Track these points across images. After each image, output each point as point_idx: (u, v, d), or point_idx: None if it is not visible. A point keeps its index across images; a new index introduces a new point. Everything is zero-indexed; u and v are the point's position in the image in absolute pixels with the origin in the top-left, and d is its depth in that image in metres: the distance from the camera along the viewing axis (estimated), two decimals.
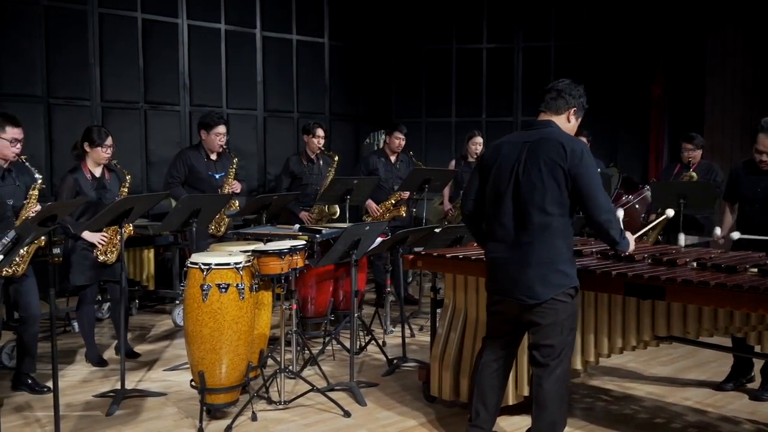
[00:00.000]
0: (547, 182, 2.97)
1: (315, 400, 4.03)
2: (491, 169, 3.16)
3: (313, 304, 4.99)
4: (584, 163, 2.95)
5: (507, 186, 3.07)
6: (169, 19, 7.26)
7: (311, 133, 6.13)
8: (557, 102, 3.14)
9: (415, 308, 6.24)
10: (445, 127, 9.05)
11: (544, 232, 2.99)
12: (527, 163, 3.02)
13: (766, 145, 4.11)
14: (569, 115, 3.16)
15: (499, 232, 3.13)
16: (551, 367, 3.08)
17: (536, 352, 3.12)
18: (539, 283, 3.00)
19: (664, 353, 5.04)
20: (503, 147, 3.17)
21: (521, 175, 3.03)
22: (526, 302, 3.04)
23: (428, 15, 9.00)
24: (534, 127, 3.16)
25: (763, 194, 4.17)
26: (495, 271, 3.17)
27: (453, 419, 3.83)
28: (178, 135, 7.20)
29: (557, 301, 3.02)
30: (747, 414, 3.94)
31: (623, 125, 8.71)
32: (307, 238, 4.43)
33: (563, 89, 3.14)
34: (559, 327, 3.05)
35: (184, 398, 4.12)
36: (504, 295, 3.14)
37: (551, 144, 3.00)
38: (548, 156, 2.98)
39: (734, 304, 2.91)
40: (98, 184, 4.64)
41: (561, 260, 3.02)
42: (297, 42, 8.21)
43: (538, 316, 3.05)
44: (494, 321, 3.31)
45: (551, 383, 3.07)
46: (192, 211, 4.41)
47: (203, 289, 3.61)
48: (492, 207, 3.16)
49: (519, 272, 3.04)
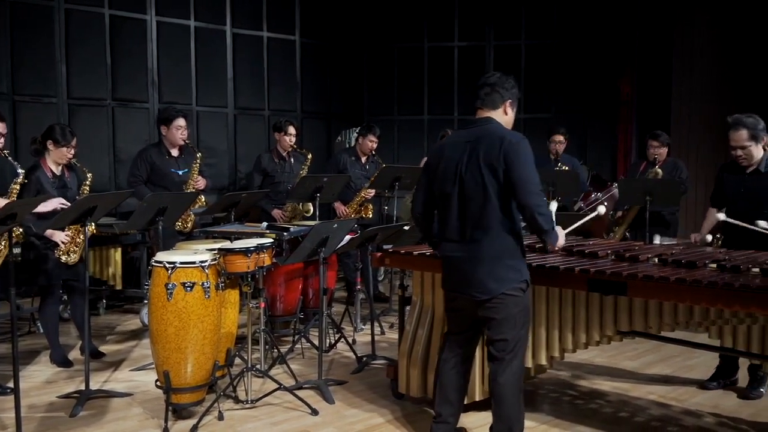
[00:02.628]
0: (488, 179, 3.02)
1: (283, 399, 4.02)
2: (437, 171, 3.20)
3: (282, 303, 4.98)
4: (518, 150, 2.99)
5: (453, 186, 3.12)
6: (138, 16, 7.17)
7: (283, 131, 6.10)
8: (492, 96, 3.18)
9: (386, 306, 6.25)
10: (417, 125, 9.06)
11: (491, 228, 3.04)
12: (469, 162, 3.07)
13: (736, 139, 4.15)
14: (505, 107, 3.20)
15: (449, 231, 3.18)
16: (506, 360, 3.13)
17: (491, 346, 3.17)
18: (489, 278, 3.05)
19: (630, 348, 5.11)
20: (446, 148, 3.22)
21: (465, 175, 3.08)
22: (479, 298, 3.10)
23: (400, 13, 9.00)
24: (474, 125, 3.20)
25: (746, 192, 4.22)
26: (448, 269, 3.24)
27: (420, 416, 3.84)
28: (146, 133, 7.12)
29: (508, 296, 3.07)
30: (710, 408, 4.00)
31: (593, 123, 8.80)
32: (275, 236, 4.41)
33: (496, 83, 3.18)
34: (512, 321, 3.10)
35: (150, 398, 4.08)
36: (458, 292, 3.20)
37: (491, 140, 3.04)
38: (487, 153, 3.02)
39: (693, 299, 2.96)
40: (59, 183, 4.57)
41: (510, 255, 3.07)
42: (268, 39, 8.16)
43: (490, 311, 3.10)
44: (453, 318, 3.36)
45: (506, 377, 3.12)
46: (158, 209, 4.37)
47: (168, 288, 3.57)
48: (441, 207, 3.21)
49: (470, 269, 3.10)
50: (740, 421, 3.81)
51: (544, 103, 8.87)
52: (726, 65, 8.21)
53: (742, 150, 4.13)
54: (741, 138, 4.11)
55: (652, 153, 6.16)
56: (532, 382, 4.34)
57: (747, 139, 4.10)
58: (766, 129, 4.19)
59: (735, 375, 4.34)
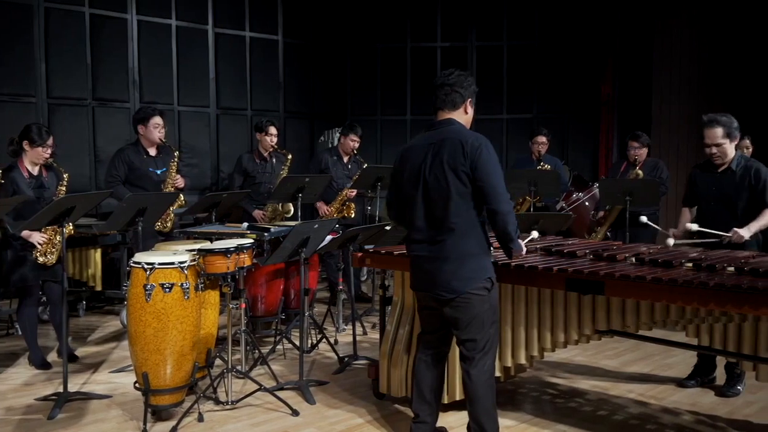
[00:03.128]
0: (452, 181, 3.03)
1: (263, 400, 4.01)
2: (402, 175, 3.22)
3: (263, 303, 4.96)
4: (483, 157, 3.00)
5: (417, 189, 3.14)
6: (118, 15, 7.12)
7: (264, 131, 6.09)
8: (452, 97, 3.17)
9: (369, 306, 6.25)
10: (400, 125, 9.07)
11: (454, 229, 3.07)
12: (432, 165, 3.08)
13: (711, 137, 4.20)
14: (466, 106, 3.21)
15: (415, 233, 3.21)
16: (476, 359, 3.14)
17: (461, 346, 3.20)
18: (454, 277, 3.08)
19: (609, 347, 5.15)
20: (410, 152, 3.22)
21: (428, 177, 3.09)
22: (444, 297, 3.12)
23: (383, 13, 9.01)
24: (436, 127, 3.20)
25: (717, 192, 4.27)
26: (416, 269, 3.27)
27: (401, 416, 3.85)
28: (127, 133, 7.04)
29: (473, 295, 3.09)
30: (687, 405, 4.04)
31: (574, 124, 8.86)
32: (256, 237, 4.40)
33: (455, 82, 3.16)
34: (480, 320, 3.11)
35: (129, 400, 4.06)
36: (425, 292, 3.23)
37: (453, 143, 3.06)
38: (450, 156, 3.04)
39: (669, 297, 2.99)
40: (36, 183, 4.53)
41: (474, 255, 3.09)
42: (250, 39, 8.13)
43: (456, 311, 3.13)
44: (425, 317, 3.39)
45: (477, 376, 3.14)
46: (137, 210, 4.35)
47: (146, 289, 3.55)
48: (407, 210, 3.23)
49: (435, 269, 3.12)
50: (717, 418, 3.85)
51: (526, 103, 8.92)
52: (706, 66, 8.30)
53: (717, 147, 4.18)
54: (716, 135, 4.16)
55: (632, 154, 6.21)
56: (512, 381, 4.37)
57: (722, 136, 4.15)
58: (739, 129, 4.24)
59: (713, 373, 4.39)
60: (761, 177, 4.12)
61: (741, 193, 4.16)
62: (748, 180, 4.15)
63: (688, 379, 4.39)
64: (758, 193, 4.12)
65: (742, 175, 4.18)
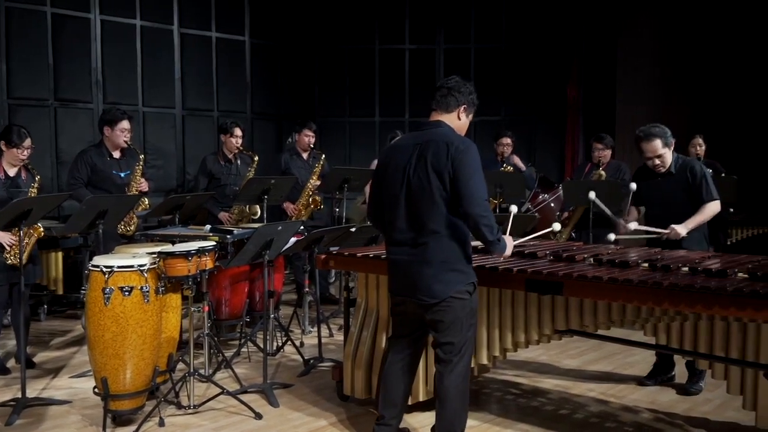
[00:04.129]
0: (434, 183, 3.01)
1: (226, 404, 3.98)
2: (385, 173, 3.20)
3: (228, 306, 4.92)
4: (465, 159, 2.97)
5: (400, 189, 3.11)
6: (81, 14, 7.02)
7: (229, 133, 6.04)
8: (447, 99, 3.18)
9: (336, 308, 6.24)
10: (368, 126, 9.07)
11: (437, 232, 3.04)
12: (417, 165, 3.06)
13: (651, 150, 4.29)
14: (459, 112, 3.20)
15: (396, 234, 3.17)
16: (453, 363, 3.13)
17: (438, 349, 3.17)
18: (436, 282, 3.05)
19: (572, 346, 5.21)
20: (395, 150, 3.21)
21: (412, 178, 3.07)
22: (426, 302, 3.09)
23: (350, 15, 9.00)
24: (424, 128, 3.19)
25: (660, 197, 4.36)
26: (395, 272, 3.22)
27: (365, 417, 3.84)
28: (90, 134, 6.96)
29: (455, 299, 3.07)
30: (647, 404, 4.11)
31: (541, 126, 8.95)
32: (218, 239, 4.36)
33: (453, 87, 3.18)
34: (459, 324, 3.11)
35: (89, 405, 4.00)
36: (405, 296, 3.19)
37: (438, 145, 3.04)
38: (435, 158, 3.02)
39: (625, 297, 3.04)
40: (11, 183, 4.49)
41: (456, 259, 3.07)
42: (216, 39, 8.07)
43: (438, 315, 3.10)
44: (398, 321, 3.36)
45: (452, 379, 3.13)
46: (98, 212, 4.29)
47: (105, 293, 3.50)
48: (388, 210, 3.19)
49: (417, 273, 3.09)
50: (675, 416, 3.92)
51: (494, 106, 8.98)
52: (668, 69, 8.45)
53: (659, 159, 4.30)
54: (656, 148, 4.27)
55: (596, 155, 6.31)
56: (476, 381, 4.39)
57: (661, 147, 4.27)
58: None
59: (672, 372, 4.47)
60: (696, 174, 4.24)
61: (681, 193, 4.27)
62: (685, 178, 4.27)
63: (648, 377, 4.46)
64: (696, 190, 4.23)
65: (680, 175, 4.30)
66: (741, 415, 3.71)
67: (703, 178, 4.22)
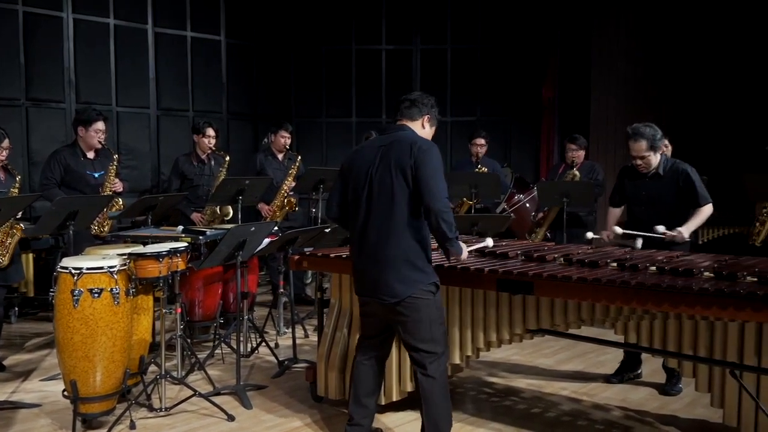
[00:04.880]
0: (396, 182, 3.07)
1: (199, 406, 3.95)
2: (350, 174, 3.25)
3: (201, 308, 4.89)
4: (427, 157, 3.05)
5: (363, 189, 3.17)
6: (53, 13, 6.93)
7: (201, 133, 6.00)
8: (411, 110, 3.30)
9: (312, 309, 6.22)
10: (345, 127, 9.07)
11: (397, 232, 3.09)
12: (380, 166, 3.13)
13: (636, 150, 4.32)
14: (423, 121, 3.32)
15: (357, 234, 3.22)
16: (428, 364, 3.15)
17: (413, 353, 3.19)
18: (397, 281, 3.09)
19: (546, 345, 5.25)
20: (361, 152, 3.28)
21: (374, 178, 3.13)
22: (388, 301, 3.13)
23: (327, 15, 8.99)
24: (389, 131, 3.29)
25: (647, 197, 4.39)
26: (358, 273, 3.27)
27: (338, 418, 3.84)
28: (63, 134, 6.88)
29: (417, 298, 3.10)
30: (618, 402, 4.15)
31: (516, 127, 9.01)
32: (190, 240, 4.33)
33: (416, 99, 3.32)
34: (426, 323, 3.13)
35: (59, 409, 3.95)
36: (368, 296, 3.23)
37: (402, 145, 3.12)
38: (398, 157, 3.09)
39: (594, 297, 3.07)
40: None
41: (417, 258, 3.11)
42: (192, 39, 8.02)
43: (400, 315, 3.14)
44: (366, 321, 3.39)
45: (432, 380, 3.15)
46: (68, 213, 4.24)
47: (74, 295, 3.46)
48: (352, 211, 3.25)
49: (378, 273, 3.13)
50: (646, 413, 3.97)
51: (470, 106, 9.02)
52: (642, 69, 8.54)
53: (642, 160, 4.32)
54: (641, 148, 4.30)
55: (570, 156, 6.36)
56: (450, 381, 4.38)
57: (646, 149, 4.29)
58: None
59: (638, 369, 4.52)
60: (691, 179, 4.27)
61: (670, 196, 4.30)
62: (676, 182, 4.29)
63: (614, 375, 4.52)
64: (690, 195, 4.26)
65: (670, 178, 4.32)
66: (710, 413, 3.76)
67: (697, 182, 4.26)
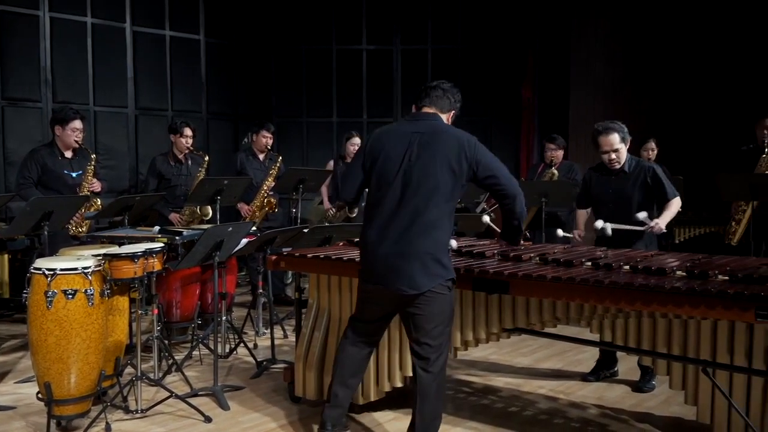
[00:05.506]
0: (441, 175, 3.00)
1: (176, 407, 3.93)
2: (378, 158, 3.12)
3: (179, 308, 4.86)
4: (483, 151, 3.11)
5: (395, 176, 3.05)
6: (30, 11, 6.86)
7: (178, 133, 5.96)
8: (442, 101, 3.22)
9: (291, 309, 6.19)
10: (326, 127, 9.06)
11: (429, 223, 3.01)
12: (420, 154, 3.03)
13: (609, 143, 4.35)
14: (449, 116, 3.26)
15: (380, 220, 3.08)
16: (432, 359, 3.10)
17: (417, 346, 3.12)
18: (420, 273, 3.00)
19: (524, 344, 5.28)
20: (389, 136, 3.15)
21: (414, 167, 3.03)
22: (407, 292, 3.02)
23: (307, 15, 8.97)
24: (421, 118, 3.18)
25: (615, 194, 4.43)
26: (373, 258, 3.11)
27: (316, 418, 3.81)
28: (39, 133, 6.81)
29: (436, 293, 3.04)
30: (594, 400, 4.18)
31: (497, 126, 9.05)
32: (167, 240, 4.31)
33: (448, 90, 3.23)
34: (438, 319, 3.07)
35: (34, 411, 3.91)
36: (383, 284, 3.08)
37: (448, 139, 3.06)
38: (444, 149, 3.03)
39: (569, 296, 3.09)
40: None
41: (442, 251, 3.05)
42: (170, 38, 7.97)
43: (417, 308, 3.05)
44: (366, 306, 3.27)
45: (433, 375, 3.11)
46: (43, 213, 4.19)
47: (47, 296, 3.42)
48: (376, 195, 3.13)
49: (401, 262, 3.01)
50: (622, 411, 4.00)
51: None
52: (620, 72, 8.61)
53: (615, 153, 4.36)
54: (614, 141, 4.33)
55: (548, 155, 6.41)
56: None
57: (618, 141, 4.34)
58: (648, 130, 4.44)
59: (614, 367, 4.56)
60: (658, 175, 4.32)
61: (636, 193, 4.35)
62: (642, 179, 4.34)
63: (591, 373, 4.55)
64: (659, 191, 4.32)
65: (636, 175, 4.37)
66: (684, 410, 3.79)
67: (664, 178, 4.32)
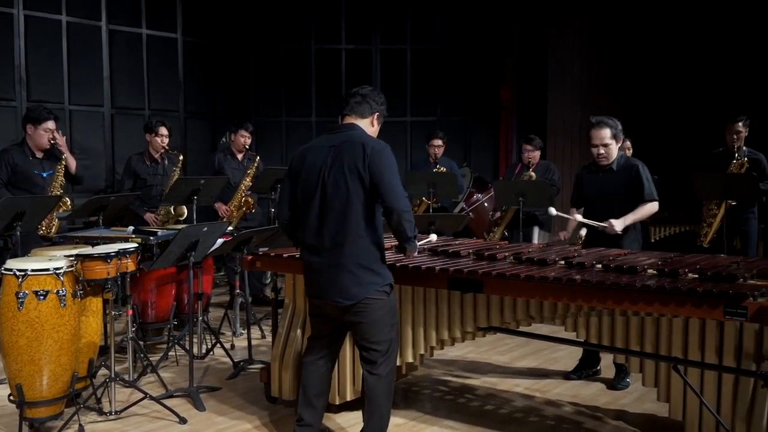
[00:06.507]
0: (351, 184, 3.04)
1: (151, 409, 3.90)
2: (299, 175, 3.19)
3: (154, 309, 4.82)
4: (382, 159, 3.04)
5: (315, 191, 3.12)
6: (4, 9, 6.74)
7: (154, 132, 5.92)
8: (362, 106, 3.24)
9: (270, 309, 6.17)
10: (305, 126, 9.03)
11: (353, 232, 3.06)
12: (333, 167, 3.08)
13: (599, 137, 4.34)
14: (373, 119, 3.28)
15: (310, 237, 3.17)
16: (378, 363, 3.17)
17: (364, 352, 3.20)
18: (352, 283, 3.07)
19: (501, 343, 5.30)
20: (309, 152, 3.21)
21: (327, 179, 3.08)
22: (342, 303, 3.11)
23: (286, 14, 8.94)
24: (338, 130, 3.22)
25: (601, 192, 4.44)
26: (311, 275, 3.23)
27: (291, 419, 3.80)
28: (14, 132, 6.70)
29: (372, 300, 3.10)
30: (569, 398, 4.21)
31: (475, 127, 9.09)
32: (141, 241, 4.27)
33: (368, 95, 3.25)
34: (380, 324, 3.14)
35: (6, 414, 3.86)
36: (321, 298, 3.20)
37: (354, 146, 3.07)
38: (351, 158, 3.05)
39: (542, 294, 3.12)
40: None
41: (372, 260, 3.11)
42: (147, 37, 7.89)
43: (356, 317, 3.13)
44: (316, 321, 3.37)
45: (379, 379, 3.16)
46: (14, 214, 4.14)
47: (18, 297, 3.38)
48: (302, 212, 3.20)
49: (332, 275, 3.10)
50: (596, 409, 4.03)
51: (429, 106, 9.07)
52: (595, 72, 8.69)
53: (605, 148, 4.35)
54: (605, 136, 4.32)
55: (526, 156, 6.45)
56: (405, 380, 4.42)
57: (609, 137, 4.33)
58: (622, 131, 4.45)
59: (597, 366, 4.59)
60: (640, 174, 4.33)
61: (621, 191, 4.35)
62: (627, 178, 4.36)
63: (573, 372, 4.57)
64: (637, 188, 4.32)
65: (623, 173, 4.38)
66: (658, 407, 3.84)
67: (646, 178, 4.32)
